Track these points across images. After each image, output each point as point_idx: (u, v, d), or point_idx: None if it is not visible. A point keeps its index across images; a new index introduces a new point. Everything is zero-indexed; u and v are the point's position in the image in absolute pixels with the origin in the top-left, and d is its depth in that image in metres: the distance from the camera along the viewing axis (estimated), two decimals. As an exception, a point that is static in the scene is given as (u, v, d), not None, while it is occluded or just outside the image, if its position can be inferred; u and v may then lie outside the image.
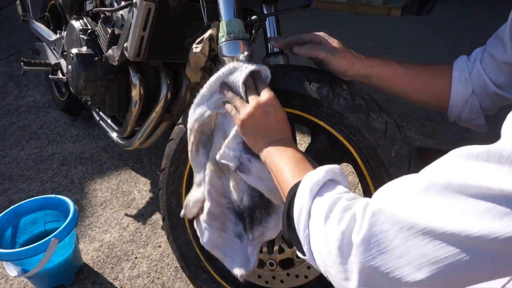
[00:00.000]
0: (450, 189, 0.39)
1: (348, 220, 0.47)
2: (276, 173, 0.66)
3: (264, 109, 0.70)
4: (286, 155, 0.66)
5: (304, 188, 0.55)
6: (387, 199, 0.44)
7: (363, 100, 0.80)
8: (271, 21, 1.05)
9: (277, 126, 0.71)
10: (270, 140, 0.70)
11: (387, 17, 3.66)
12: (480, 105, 0.80)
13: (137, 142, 1.39)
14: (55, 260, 1.23)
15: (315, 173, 0.56)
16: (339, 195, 0.52)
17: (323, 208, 0.51)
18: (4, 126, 2.22)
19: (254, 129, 0.72)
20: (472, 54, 0.80)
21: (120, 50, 1.17)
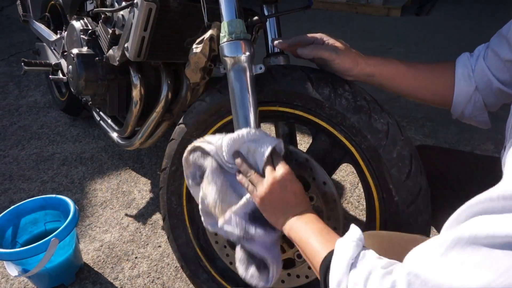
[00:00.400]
0: (477, 244, 0.38)
1: (390, 285, 0.47)
2: (303, 246, 0.66)
3: (281, 184, 0.69)
4: (310, 227, 0.66)
5: (341, 262, 0.55)
6: (418, 262, 0.45)
7: (364, 100, 0.80)
8: (272, 21, 1.05)
9: (295, 199, 0.70)
10: (291, 214, 0.70)
11: (387, 17, 3.66)
12: (484, 102, 0.80)
13: (138, 142, 1.39)
14: (56, 260, 1.23)
15: (347, 246, 0.56)
16: (374, 263, 0.52)
17: (361, 278, 0.51)
18: (5, 126, 2.22)
19: (273, 205, 0.71)
20: (475, 51, 0.80)
21: (121, 50, 1.17)
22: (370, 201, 0.85)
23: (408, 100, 2.26)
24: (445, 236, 0.42)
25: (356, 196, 1.63)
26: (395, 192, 0.79)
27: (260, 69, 0.84)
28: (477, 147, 1.85)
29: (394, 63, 0.82)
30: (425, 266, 0.43)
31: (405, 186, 0.79)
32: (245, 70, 0.81)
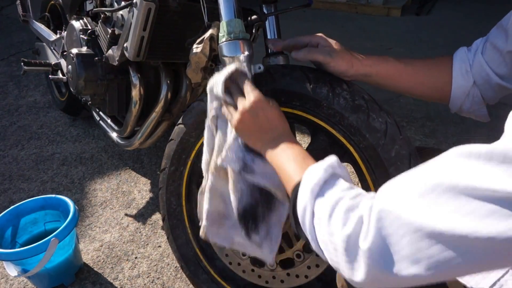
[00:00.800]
0: (455, 191, 0.39)
1: (354, 223, 0.48)
2: (279, 171, 0.68)
3: (252, 112, 0.71)
4: (285, 152, 0.68)
5: (305, 189, 0.56)
6: (392, 200, 0.45)
7: (363, 100, 0.80)
8: (271, 21, 1.05)
9: (269, 125, 0.71)
10: (266, 140, 0.71)
11: (387, 17, 3.66)
12: (482, 96, 0.80)
13: (137, 142, 1.39)
14: (55, 260, 1.23)
15: (314, 173, 0.57)
16: (341, 194, 0.52)
17: (326, 208, 0.52)
18: (5, 126, 2.22)
19: (248, 133, 0.73)
20: (473, 45, 0.80)
21: (120, 50, 1.17)
22: (369, 201, 0.85)
23: (408, 100, 2.27)
24: (427, 177, 0.43)
25: (356, 196, 1.63)
26: (394, 191, 0.79)
27: (259, 69, 0.84)
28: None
29: (391, 62, 0.82)
30: (399, 204, 0.44)
31: (404, 186, 0.78)
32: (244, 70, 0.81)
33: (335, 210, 0.51)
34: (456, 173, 0.40)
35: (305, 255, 0.96)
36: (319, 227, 0.53)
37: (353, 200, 0.51)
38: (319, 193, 0.54)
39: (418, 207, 0.42)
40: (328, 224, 0.50)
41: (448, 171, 0.41)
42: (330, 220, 0.50)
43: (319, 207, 0.53)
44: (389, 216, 0.44)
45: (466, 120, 2.02)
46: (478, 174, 0.38)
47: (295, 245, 0.97)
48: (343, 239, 0.48)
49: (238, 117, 0.72)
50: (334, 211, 0.51)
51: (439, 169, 0.43)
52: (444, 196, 0.40)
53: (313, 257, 0.95)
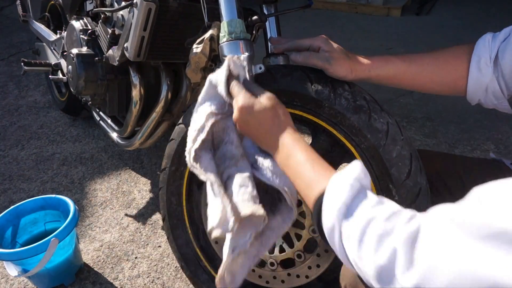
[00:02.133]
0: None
1: (388, 254, 0.43)
2: (292, 176, 0.63)
3: (242, 120, 0.68)
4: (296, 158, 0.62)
5: (332, 207, 0.51)
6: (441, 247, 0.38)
7: (364, 100, 0.80)
8: (272, 21, 1.05)
9: (263, 128, 0.67)
10: (269, 142, 0.68)
11: (387, 17, 3.66)
12: (501, 89, 0.74)
13: (138, 142, 1.39)
14: (55, 260, 1.23)
15: (341, 188, 0.51)
16: (372, 213, 0.47)
17: (356, 231, 0.47)
18: (5, 126, 2.22)
19: (251, 135, 0.70)
20: (502, 32, 0.74)
21: (121, 50, 1.17)
22: (370, 201, 0.85)
23: (408, 100, 2.27)
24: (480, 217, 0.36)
25: (356, 196, 1.63)
26: (395, 191, 0.79)
27: (259, 69, 0.84)
28: (477, 147, 1.85)
29: (392, 62, 0.79)
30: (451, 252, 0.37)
31: (405, 186, 0.79)
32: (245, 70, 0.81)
33: (366, 233, 0.46)
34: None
35: (305, 255, 0.96)
36: (349, 249, 0.49)
37: (386, 223, 0.45)
38: (347, 213, 0.49)
39: (475, 256, 0.36)
40: (359, 249, 0.46)
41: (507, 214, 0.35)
42: (361, 245, 0.46)
43: (347, 228, 0.48)
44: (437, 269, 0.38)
45: (466, 120, 2.02)
46: None
47: (296, 245, 0.97)
48: (375, 268, 0.44)
49: (237, 125, 0.70)
50: (365, 234, 0.46)
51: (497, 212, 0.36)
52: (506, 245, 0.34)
53: (313, 257, 0.95)
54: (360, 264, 0.47)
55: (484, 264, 0.34)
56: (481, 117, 2.03)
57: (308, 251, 0.96)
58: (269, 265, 1.01)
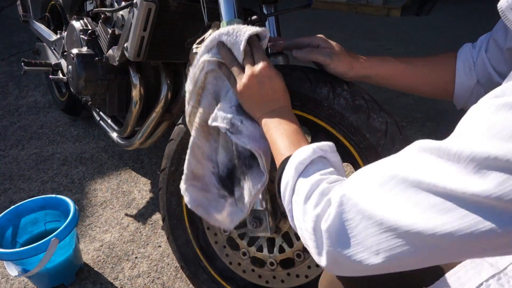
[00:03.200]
0: (406, 183, 0.42)
1: (323, 205, 0.50)
2: (271, 144, 0.68)
3: (259, 79, 0.70)
4: (282, 127, 0.68)
5: (291, 165, 0.57)
6: (354, 187, 0.48)
7: (363, 100, 0.81)
8: (271, 21, 1.05)
9: (273, 95, 0.71)
10: (266, 110, 0.71)
11: (387, 17, 3.66)
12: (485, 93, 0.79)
13: (138, 142, 1.40)
14: (56, 260, 1.23)
15: (303, 151, 0.57)
16: (322, 177, 0.54)
17: (305, 188, 0.54)
18: (5, 126, 2.22)
19: (250, 99, 0.72)
20: (477, 42, 0.79)
21: (121, 50, 1.17)
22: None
23: (408, 100, 2.27)
24: (387, 167, 0.46)
25: (356, 196, 1.63)
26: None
27: None
28: (477, 147, 1.85)
29: (391, 62, 0.81)
30: (359, 191, 0.47)
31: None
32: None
33: (313, 192, 0.52)
34: (411, 166, 0.43)
35: (305, 255, 0.96)
36: (296, 205, 0.55)
37: (329, 184, 0.52)
38: (303, 172, 0.56)
39: (375, 196, 0.45)
40: (304, 204, 0.53)
41: (405, 163, 0.44)
42: (307, 201, 0.52)
43: (300, 186, 0.55)
44: (349, 202, 0.47)
45: (466, 120, 2.02)
46: (427, 168, 0.41)
47: (296, 245, 0.97)
48: (313, 219, 0.50)
49: (245, 81, 0.70)
50: (312, 192, 0.53)
51: (399, 161, 0.46)
52: (397, 187, 0.43)
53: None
54: (303, 219, 0.53)
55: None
56: (481, 117, 2.03)
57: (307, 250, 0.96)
58: (268, 265, 1.01)
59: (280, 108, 0.71)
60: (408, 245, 0.41)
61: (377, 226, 0.44)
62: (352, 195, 0.47)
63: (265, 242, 1.01)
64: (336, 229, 0.47)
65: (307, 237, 0.52)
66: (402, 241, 0.42)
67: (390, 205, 0.43)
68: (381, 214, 0.43)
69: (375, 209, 0.44)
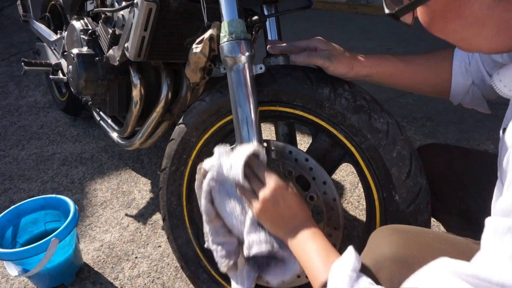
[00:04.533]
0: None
1: None
2: (303, 265, 0.66)
3: (273, 200, 0.69)
4: (309, 246, 0.66)
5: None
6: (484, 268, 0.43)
7: (364, 100, 0.81)
8: (272, 21, 1.05)
9: (291, 212, 0.69)
10: (289, 229, 0.70)
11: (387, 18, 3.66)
12: (481, 93, 0.80)
13: (138, 142, 1.39)
14: (56, 260, 1.23)
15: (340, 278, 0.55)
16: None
17: None
18: (5, 126, 2.22)
19: (270, 222, 0.71)
20: None
21: (121, 50, 1.17)
22: (370, 201, 0.85)
23: (408, 100, 2.27)
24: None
25: (356, 196, 1.63)
26: (395, 191, 0.79)
27: (260, 69, 0.84)
28: (477, 147, 1.85)
29: (391, 61, 0.82)
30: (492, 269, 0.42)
31: (405, 186, 0.79)
32: (245, 70, 0.81)
33: None
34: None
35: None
36: None
37: None
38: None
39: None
40: None
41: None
42: None
43: None
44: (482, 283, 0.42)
45: (466, 120, 2.02)
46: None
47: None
48: None
49: (260, 207, 0.69)
50: None
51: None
52: None
53: (313, 257, 0.95)
54: None
55: None
56: (481, 117, 2.03)
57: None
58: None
59: (301, 224, 0.69)
60: None
61: None
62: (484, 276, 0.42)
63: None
64: None
65: None
66: None
67: None
68: None
69: None
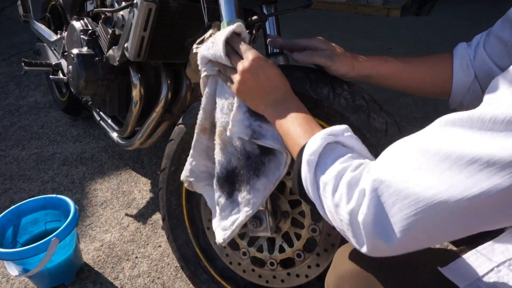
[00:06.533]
0: (440, 157, 0.42)
1: (357, 198, 0.49)
2: (284, 136, 0.68)
3: (252, 72, 0.69)
4: (290, 116, 0.67)
5: (304, 159, 0.56)
6: (383, 169, 0.48)
7: (363, 100, 0.81)
8: (272, 21, 1.05)
9: (270, 84, 0.70)
10: (269, 101, 0.71)
11: (387, 18, 3.66)
12: (482, 90, 0.80)
13: (138, 142, 1.40)
14: (56, 260, 1.24)
15: (312, 142, 0.57)
16: (343, 165, 0.53)
17: (329, 181, 0.53)
18: (5, 126, 2.22)
19: (250, 95, 0.72)
20: (473, 41, 0.80)
21: (121, 51, 1.17)
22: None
23: (408, 100, 2.27)
24: (414, 145, 0.46)
25: (356, 196, 1.63)
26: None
27: None
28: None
29: (391, 61, 0.82)
30: (389, 172, 0.46)
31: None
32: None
33: (339, 184, 0.52)
34: (441, 140, 0.43)
35: (305, 255, 0.96)
36: (325, 199, 0.54)
37: (354, 172, 0.51)
38: (320, 164, 0.55)
39: (407, 175, 0.45)
40: (333, 198, 0.52)
41: (434, 138, 0.44)
42: (335, 194, 0.52)
43: (322, 180, 0.54)
44: (382, 185, 0.47)
45: (466, 120, 2.02)
46: (459, 140, 0.42)
47: (296, 244, 0.97)
48: (348, 212, 0.50)
49: (239, 78, 0.70)
50: (338, 185, 0.52)
51: (426, 137, 0.46)
52: (430, 162, 0.43)
53: (313, 257, 0.95)
54: (336, 211, 0.52)
55: None
56: (481, 117, 2.03)
57: (307, 250, 0.96)
58: (268, 265, 1.01)
59: (282, 96, 0.70)
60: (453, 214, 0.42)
61: (413, 204, 0.43)
62: (383, 177, 0.47)
63: (265, 242, 1.01)
64: (373, 219, 0.47)
65: (345, 229, 0.52)
66: (447, 212, 0.42)
67: (426, 180, 0.43)
68: (416, 191, 0.43)
69: (409, 187, 0.44)
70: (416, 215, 0.44)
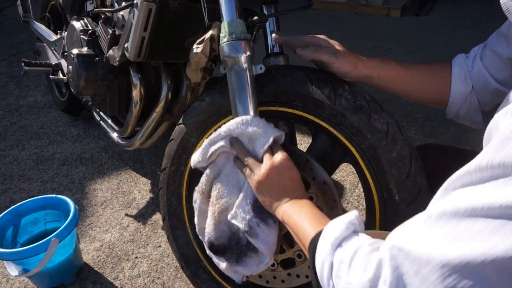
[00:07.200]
0: (459, 216, 0.39)
1: (375, 267, 0.46)
2: (296, 229, 0.67)
3: (279, 169, 0.72)
4: (304, 211, 0.68)
5: (326, 241, 0.55)
6: (401, 236, 0.45)
7: (364, 100, 0.81)
8: (272, 21, 1.05)
9: (292, 185, 0.72)
10: (286, 199, 0.72)
11: (387, 18, 3.66)
12: (478, 101, 0.81)
13: (138, 142, 1.40)
14: (56, 260, 1.24)
15: (336, 227, 0.56)
16: (359, 243, 0.52)
17: (346, 255, 0.51)
18: (5, 126, 2.22)
19: (269, 190, 0.73)
20: (470, 52, 0.81)
21: (121, 51, 1.17)
22: (370, 201, 0.85)
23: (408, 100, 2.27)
24: (431, 210, 0.43)
25: (356, 196, 1.63)
26: (395, 191, 0.79)
27: (260, 69, 0.85)
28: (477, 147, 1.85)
29: (392, 64, 0.82)
30: (408, 239, 0.43)
31: (405, 186, 0.79)
32: (245, 70, 0.81)
33: (355, 257, 0.49)
34: (456, 199, 0.41)
35: (306, 255, 0.96)
36: (338, 279, 0.51)
37: (372, 245, 0.50)
38: (339, 245, 0.54)
39: (426, 240, 0.41)
40: (348, 273, 0.49)
41: (450, 200, 0.42)
42: (350, 268, 0.49)
43: (338, 257, 0.52)
44: (401, 252, 0.43)
45: (466, 120, 2.02)
46: (474, 193, 0.39)
47: (296, 245, 0.97)
48: (364, 284, 0.46)
49: (265, 172, 0.72)
50: (354, 258, 0.49)
51: (437, 203, 0.44)
52: (449, 223, 0.40)
53: (313, 257, 0.95)
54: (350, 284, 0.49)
55: None
56: (481, 117, 2.03)
57: (308, 251, 0.96)
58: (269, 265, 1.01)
59: (300, 197, 0.72)
60: (483, 278, 0.37)
61: (438, 270, 0.39)
62: (401, 244, 0.43)
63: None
64: (397, 286, 0.43)
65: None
66: (477, 276, 0.37)
67: (447, 243, 0.39)
68: (439, 255, 0.39)
69: (431, 252, 0.40)
70: (441, 281, 0.39)
